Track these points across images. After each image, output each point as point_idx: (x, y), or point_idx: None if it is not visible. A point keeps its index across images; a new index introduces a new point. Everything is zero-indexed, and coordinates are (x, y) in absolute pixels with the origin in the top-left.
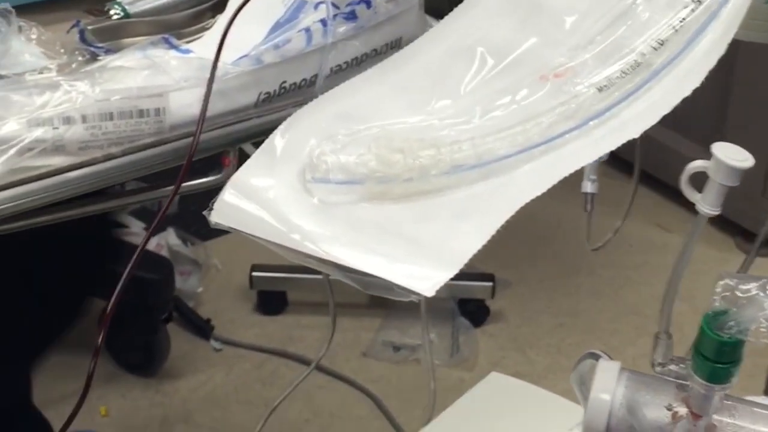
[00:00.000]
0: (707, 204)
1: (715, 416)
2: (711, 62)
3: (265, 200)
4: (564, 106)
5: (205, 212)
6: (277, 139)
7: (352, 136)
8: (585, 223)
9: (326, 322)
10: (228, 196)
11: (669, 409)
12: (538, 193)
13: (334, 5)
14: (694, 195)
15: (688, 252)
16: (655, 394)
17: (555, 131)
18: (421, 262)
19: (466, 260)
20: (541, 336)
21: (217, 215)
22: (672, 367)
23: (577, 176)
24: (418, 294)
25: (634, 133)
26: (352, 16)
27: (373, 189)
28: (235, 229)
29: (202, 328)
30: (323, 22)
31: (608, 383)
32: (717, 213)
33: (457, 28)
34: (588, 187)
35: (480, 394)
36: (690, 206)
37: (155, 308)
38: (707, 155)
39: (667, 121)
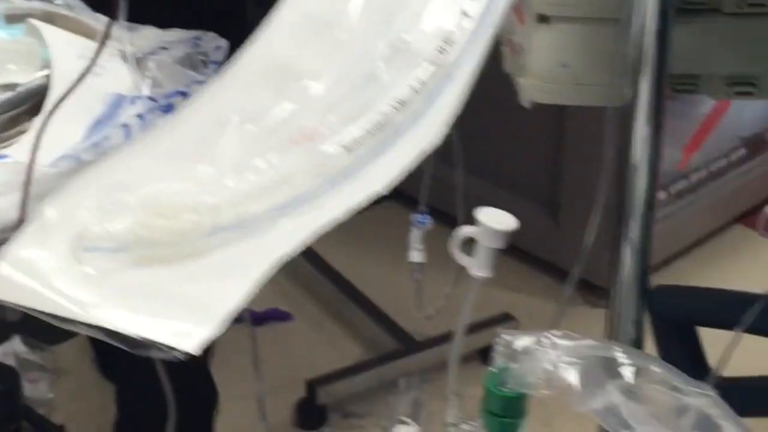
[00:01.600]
0: (478, 267)
1: None
2: (448, 119)
3: (38, 272)
4: (315, 167)
5: None
6: (47, 211)
7: (119, 204)
8: (421, 290)
9: None
10: (1, 269)
11: None
12: (294, 248)
13: (151, 99)
14: (466, 260)
15: (466, 314)
16: None
17: (307, 190)
18: (185, 321)
19: (229, 317)
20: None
21: None
22: (464, 426)
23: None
24: (184, 352)
25: (381, 187)
26: (169, 109)
27: (140, 254)
28: (8, 302)
29: None
30: (141, 116)
31: None
32: (489, 275)
33: (217, 97)
34: (415, 256)
35: None
36: (534, 264)
37: (1, 420)
38: (548, 218)
39: (505, 183)
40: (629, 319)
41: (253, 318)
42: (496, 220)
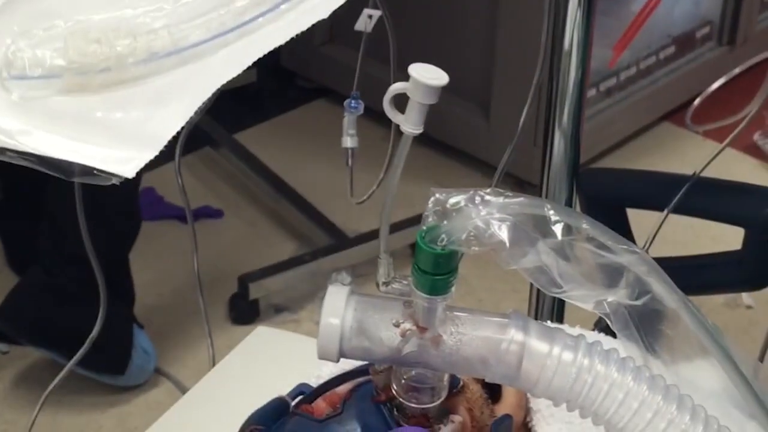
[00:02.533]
0: (410, 123)
1: (440, 327)
2: None
3: None
4: None
5: None
6: None
7: (49, 31)
8: (351, 178)
9: None
10: None
11: (396, 326)
12: (233, 75)
13: None
14: (397, 116)
15: (397, 170)
16: (383, 313)
17: (247, 16)
18: (121, 147)
19: (165, 142)
20: None
21: None
22: (395, 285)
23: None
24: (119, 176)
25: (324, 13)
26: None
27: (72, 81)
28: None
29: None
30: None
31: (337, 307)
32: (420, 131)
33: None
34: (348, 142)
35: (249, 346)
36: (467, 162)
37: None
38: (480, 113)
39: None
40: (560, 201)
41: (184, 214)
42: (428, 75)
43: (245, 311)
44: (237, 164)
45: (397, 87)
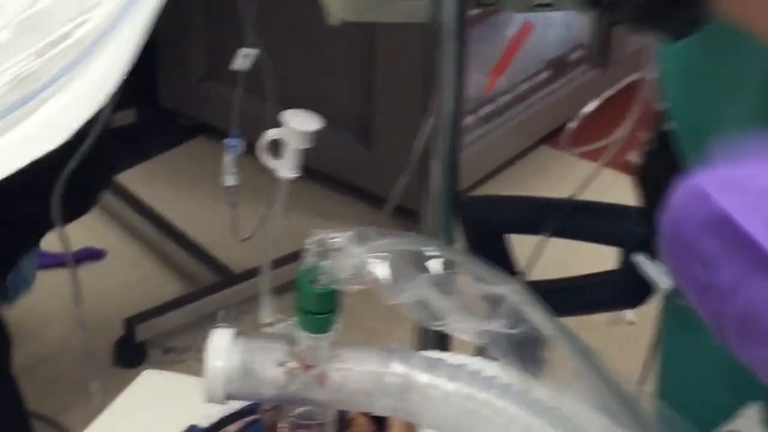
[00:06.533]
0: (286, 168)
1: (324, 365)
2: (147, 21)
3: None
4: None
5: None
6: None
7: None
8: (232, 216)
9: None
10: None
11: (281, 365)
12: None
13: None
14: (273, 162)
15: (277, 214)
16: (268, 353)
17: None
18: None
19: None
20: None
21: None
22: (279, 325)
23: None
24: None
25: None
26: None
27: None
28: None
29: None
30: None
31: (222, 350)
32: (297, 175)
33: None
34: (229, 180)
35: (136, 390)
36: (348, 192)
37: None
38: (361, 144)
39: (316, 111)
40: (441, 229)
41: (64, 260)
42: (301, 121)
43: (133, 354)
44: (119, 205)
45: (271, 134)
